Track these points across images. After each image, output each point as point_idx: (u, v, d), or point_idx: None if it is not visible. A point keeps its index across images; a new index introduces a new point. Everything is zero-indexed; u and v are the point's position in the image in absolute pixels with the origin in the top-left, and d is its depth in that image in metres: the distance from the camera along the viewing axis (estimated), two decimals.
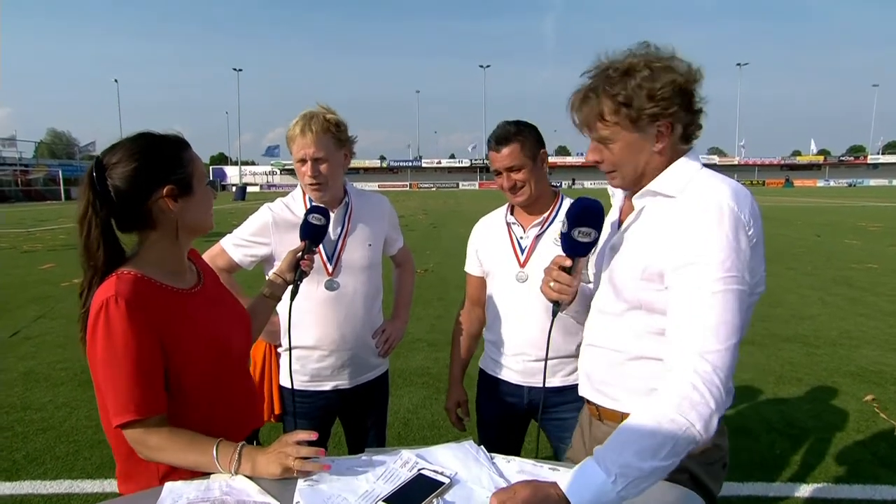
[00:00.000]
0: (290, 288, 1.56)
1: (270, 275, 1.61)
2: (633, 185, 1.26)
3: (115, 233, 1.20)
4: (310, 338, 1.81)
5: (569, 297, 1.34)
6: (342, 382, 1.89)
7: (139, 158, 1.18)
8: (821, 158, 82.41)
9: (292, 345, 1.79)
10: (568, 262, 1.29)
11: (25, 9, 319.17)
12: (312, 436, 1.15)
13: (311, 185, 1.79)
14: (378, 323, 1.96)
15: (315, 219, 1.59)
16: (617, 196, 1.38)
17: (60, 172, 43.09)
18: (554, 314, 1.37)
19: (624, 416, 1.31)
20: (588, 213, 1.26)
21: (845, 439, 3.23)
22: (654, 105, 1.16)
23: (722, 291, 1.05)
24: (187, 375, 1.22)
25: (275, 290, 1.57)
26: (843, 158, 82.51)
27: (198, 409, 1.24)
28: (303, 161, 1.77)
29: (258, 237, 1.82)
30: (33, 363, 4.62)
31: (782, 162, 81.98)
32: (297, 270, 1.56)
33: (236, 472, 1.12)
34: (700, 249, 1.08)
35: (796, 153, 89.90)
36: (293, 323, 1.62)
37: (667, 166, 1.22)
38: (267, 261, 1.85)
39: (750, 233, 1.11)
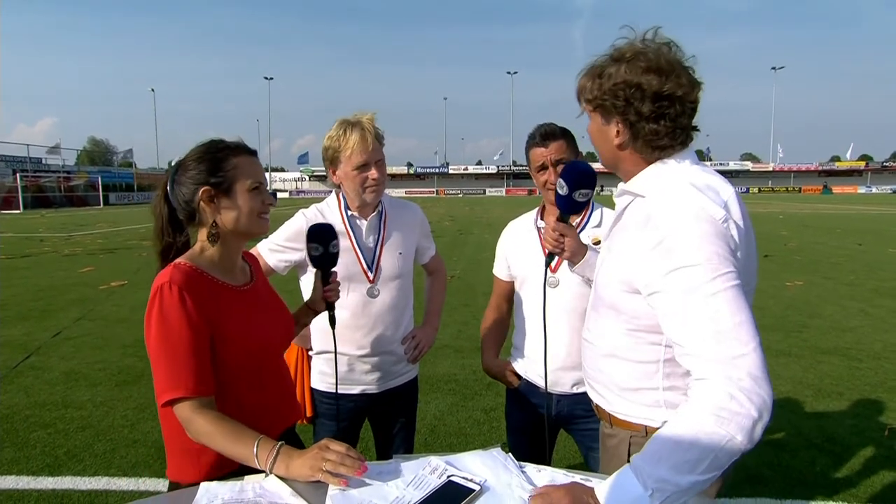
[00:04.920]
0: (327, 315, 1.60)
1: (306, 302, 1.66)
2: (611, 169, 1.29)
3: (181, 224, 1.36)
4: (339, 343, 1.82)
5: (558, 248, 1.59)
6: (370, 387, 1.91)
7: (192, 160, 1.33)
8: (862, 164, 79.49)
9: (321, 349, 1.88)
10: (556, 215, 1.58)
11: (74, 28, 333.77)
12: (362, 468, 1.11)
13: (375, 184, 1.78)
14: (408, 330, 1.97)
15: (314, 249, 1.55)
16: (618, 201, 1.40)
17: (100, 179, 44.78)
18: (546, 264, 1.65)
19: (611, 416, 1.31)
20: (567, 171, 1.50)
21: (891, 457, 3.09)
22: (606, 98, 1.17)
23: (722, 290, 0.98)
24: (225, 368, 1.28)
25: (310, 317, 1.64)
26: (887, 164, 79.37)
27: (231, 402, 1.29)
28: (366, 166, 1.76)
29: (292, 242, 1.84)
30: (74, 363, 4.78)
31: (820, 168, 79.39)
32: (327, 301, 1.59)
33: (271, 471, 1.14)
34: (683, 252, 1.03)
35: (835, 158, 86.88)
36: (321, 326, 1.72)
37: (639, 168, 1.21)
38: (300, 266, 1.88)
39: (724, 225, 1.05)
